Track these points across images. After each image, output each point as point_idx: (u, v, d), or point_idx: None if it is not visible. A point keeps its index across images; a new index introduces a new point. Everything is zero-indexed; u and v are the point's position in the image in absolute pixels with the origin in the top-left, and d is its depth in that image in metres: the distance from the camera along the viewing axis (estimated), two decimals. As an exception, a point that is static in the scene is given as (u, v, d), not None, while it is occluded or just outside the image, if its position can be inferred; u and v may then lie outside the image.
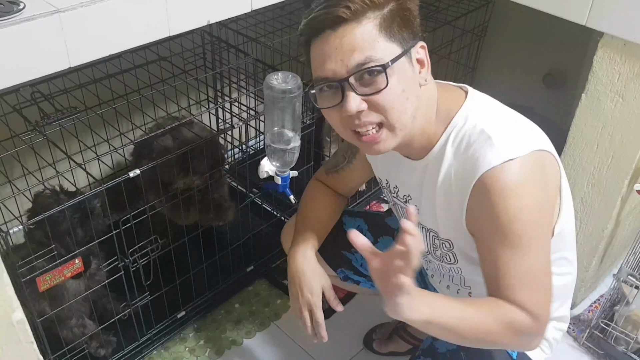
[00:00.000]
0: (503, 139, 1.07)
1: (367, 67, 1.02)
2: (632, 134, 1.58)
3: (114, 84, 1.74)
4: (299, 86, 1.40)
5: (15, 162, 1.65)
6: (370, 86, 1.04)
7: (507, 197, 1.05)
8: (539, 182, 1.08)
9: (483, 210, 1.08)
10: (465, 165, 1.10)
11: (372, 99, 1.05)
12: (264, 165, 1.55)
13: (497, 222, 1.06)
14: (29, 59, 1.17)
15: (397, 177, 1.30)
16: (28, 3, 1.16)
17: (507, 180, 1.05)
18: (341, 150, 1.50)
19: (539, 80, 2.50)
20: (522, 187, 1.05)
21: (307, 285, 1.34)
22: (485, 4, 2.37)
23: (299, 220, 1.47)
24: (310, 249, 1.39)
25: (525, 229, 1.06)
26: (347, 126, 1.10)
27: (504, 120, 1.14)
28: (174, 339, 1.85)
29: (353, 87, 1.04)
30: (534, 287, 1.08)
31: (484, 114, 1.14)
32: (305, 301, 1.34)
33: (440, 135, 1.15)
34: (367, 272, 1.57)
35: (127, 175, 1.40)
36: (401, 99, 1.06)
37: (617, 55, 1.53)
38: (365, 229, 1.58)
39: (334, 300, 1.35)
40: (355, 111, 1.05)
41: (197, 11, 1.40)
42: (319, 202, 1.51)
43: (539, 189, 1.08)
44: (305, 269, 1.36)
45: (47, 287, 1.38)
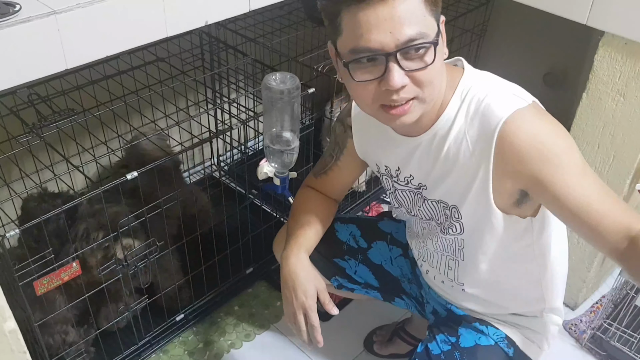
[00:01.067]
0: (508, 93, 1.10)
1: (418, 42, 0.99)
2: (633, 134, 1.57)
3: (111, 85, 1.73)
4: (298, 87, 1.40)
5: (12, 165, 1.64)
6: (416, 61, 1.01)
7: (537, 130, 1.06)
8: (549, 117, 1.11)
9: (522, 157, 1.06)
10: (480, 124, 1.10)
11: (415, 74, 1.02)
12: (263, 166, 1.54)
13: (543, 154, 1.05)
14: (25, 61, 1.16)
15: (397, 158, 1.28)
16: (24, 4, 1.16)
17: (526, 119, 1.07)
18: (328, 150, 1.47)
19: (539, 79, 2.50)
20: (542, 119, 1.08)
21: (301, 287, 1.32)
22: (485, 3, 2.36)
23: (290, 226, 1.45)
24: (304, 252, 1.37)
25: (567, 144, 1.07)
26: (379, 100, 1.06)
27: (501, 82, 1.16)
28: (173, 342, 1.84)
29: (399, 61, 1.00)
30: (618, 201, 1.07)
31: (484, 77, 1.16)
32: (299, 304, 1.32)
33: (447, 105, 1.14)
34: (361, 280, 1.56)
35: (125, 177, 1.39)
36: (439, 74, 1.07)
37: (618, 54, 1.52)
38: (358, 234, 1.57)
39: (329, 303, 1.34)
40: (400, 85, 1.01)
41: (194, 12, 1.39)
42: (310, 207, 1.48)
43: (553, 120, 1.10)
44: (298, 271, 1.34)
45: (45, 290, 1.37)
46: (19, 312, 1.44)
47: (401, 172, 1.29)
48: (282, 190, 1.58)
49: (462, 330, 1.36)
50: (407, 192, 1.31)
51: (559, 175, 1.05)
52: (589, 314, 1.96)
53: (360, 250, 1.56)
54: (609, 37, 1.52)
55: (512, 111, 1.06)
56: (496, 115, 1.07)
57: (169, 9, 1.33)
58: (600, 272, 1.98)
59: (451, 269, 1.35)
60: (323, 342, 1.32)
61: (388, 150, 1.29)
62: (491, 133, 1.08)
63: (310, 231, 1.41)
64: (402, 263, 1.56)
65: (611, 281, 1.95)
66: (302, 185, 1.55)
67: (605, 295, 2.00)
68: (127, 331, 1.71)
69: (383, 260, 1.56)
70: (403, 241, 1.55)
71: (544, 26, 2.34)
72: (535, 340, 1.35)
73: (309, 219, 1.43)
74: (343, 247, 1.55)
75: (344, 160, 1.43)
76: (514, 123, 1.06)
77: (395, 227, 1.57)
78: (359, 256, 1.55)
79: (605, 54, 1.55)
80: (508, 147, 1.07)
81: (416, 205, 1.31)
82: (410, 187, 1.29)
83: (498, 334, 1.33)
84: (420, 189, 1.27)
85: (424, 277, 1.47)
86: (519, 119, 1.06)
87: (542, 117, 1.09)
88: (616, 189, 1.67)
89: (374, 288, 1.57)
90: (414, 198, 1.30)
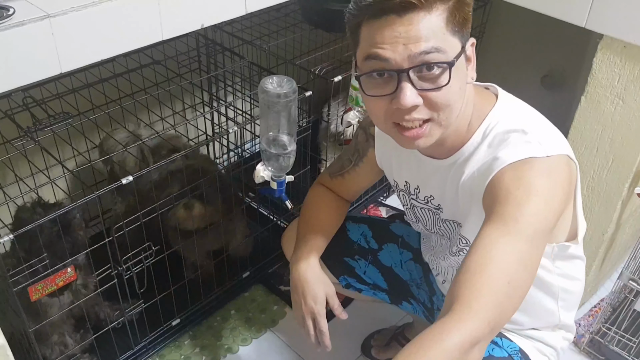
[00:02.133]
0: (537, 138, 1.05)
1: (433, 60, 0.96)
2: (632, 137, 1.57)
3: (107, 88, 1.71)
4: (295, 90, 1.38)
5: (6, 169, 1.63)
6: (430, 81, 0.99)
7: (525, 180, 1.01)
8: (556, 178, 1.04)
9: (494, 193, 1.04)
10: (489, 164, 1.07)
11: (429, 95, 0.99)
12: (260, 170, 1.53)
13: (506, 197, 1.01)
14: (19, 64, 1.15)
15: (418, 177, 1.26)
16: (18, 8, 1.15)
17: (525, 168, 1.02)
18: (347, 153, 1.46)
19: (537, 81, 2.49)
20: (541, 176, 1.02)
21: (310, 293, 1.31)
22: (483, 5, 2.35)
23: (301, 225, 1.44)
24: (314, 256, 1.36)
25: (535, 218, 1.00)
26: (392, 118, 1.04)
27: (534, 121, 1.12)
28: (169, 347, 1.83)
29: (411, 79, 0.98)
30: (485, 291, 0.97)
31: (518, 114, 1.12)
32: (308, 310, 1.31)
33: (472, 134, 1.12)
34: (369, 280, 1.56)
35: (120, 182, 1.38)
36: (456, 97, 1.02)
37: (617, 57, 1.52)
38: (369, 235, 1.56)
39: (338, 308, 1.33)
40: (410, 105, 0.98)
41: (190, 15, 1.38)
42: (322, 206, 1.48)
43: (557, 183, 1.04)
44: (308, 276, 1.33)
45: (39, 296, 1.36)
46: (14, 318, 1.43)
47: (420, 191, 1.28)
48: (279, 194, 1.57)
49: None
50: (426, 211, 1.30)
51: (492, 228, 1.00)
52: (587, 318, 1.95)
53: (371, 251, 1.55)
54: (607, 40, 1.51)
55: (522, 157, 1.03)
56: (505, 158, 1.05)
57: (165, 11, 1.32)
58: (599, 275, 1.97)
59: None
60: (331, 347, 1.32)
61: (409, 167, 1.28)
62: (493, 171, 1.06)
63: (320, 234, 1.41)
64: (412, 267, 1.55)
65: (610, 285, 1.95)
66: (316, 182, 1.54)
67: (604, 299, 1.99)
68: (123, 335, 1.69)
69: (393, 262, 1.55)
70: (414, 245, 1.54)
71: (542, 28, 2.33)
72: (547, 353, 1.33)
73: (319, 220, 1.43)
74: (354, 246, 1.54)
75: (362, 167, 1.43)
76: (514, 167, 1.03)
77: (407, 231, 1.56)
78: (369, 257, 1.55)
79: (604, 57, 1.54)
80: (493, 183, 1.05)
81: (435, 224, 1.30)
82: (429, 206, 1.28)
83: (512, 346, 1.31)
84: (438, 209, 1.26)
85: (439, 285, 1.46)
86: (520, 166, 1.03)
87: (543, 175, 1.02)
88: (615, 192, 1.66)
89: (382, 290, 1.57)
90: (432, 217, 1.29)
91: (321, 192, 1.51)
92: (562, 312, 1.30)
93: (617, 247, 1.93)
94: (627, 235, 1.95)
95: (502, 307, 0.97)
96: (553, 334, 1.34)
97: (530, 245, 1.00)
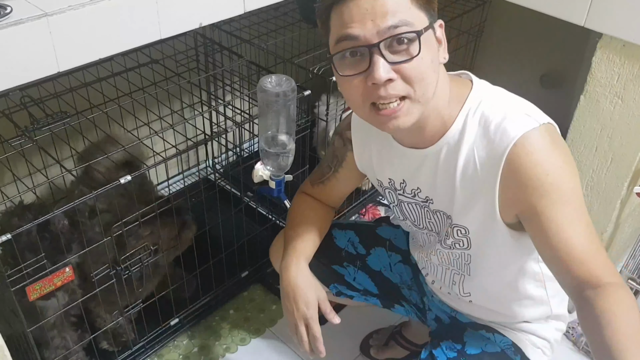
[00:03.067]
0: (521, 111, 1.08)
1: (401, 31, 0.98)
2: (631, 136, 1.57)
3: (105, 87, 1.71)
4: (293, 89, 1.38)
5: (4, 168, 1.62)
6: (401, 53, 0.99)
7: (548, 155, 1.04)
8: (564, 145, 1.09)
9: (525, 178, 1.05)
10: (491, 142, 1.08)
11: (402, 68, 1.00)
12: (258, 169, 1.53)
13: (546, 181, 1.03)
14: (16, 64, 1.14)
15: (403, 171, 1.26)
16: (15, 7, 1.14)
17: (539, 142, 1.04)
18: (326, 160, 1.45)
19: (536, 80, 2.49)
20: (556, 147, 1.06)
21: (302, 298, 1.30)
22: (482, 4, 2.35)
23: (288, 234, 1.43)
24: (303, 260, 1.35)
25: (573, 184, 1.06)
26: (369, 98, 1.04)
27: (514, 98, 1.14)
28: (168, 347, 1.82)
29: (383, 53, 0.99)
30: (600, 247, 1.06)
31: (495, 94, 1.14)
32: (301, 315, 1.30)
33: (455, 117, 1.12)
34: (360, 287, 1.55)
35: (118, 181, 1.37)
36: (430, 70, 1.03)
37: (616, 56, 1.52)
38: (356, 241, 1.55)
39: (330, 312, 1.32)
40: (384, 79, 0.99)
41: (188, 14, 1.38)
42: (308, 213, 1.46)
43: (567, 151, 1.09)
44: (299, 281, 1.32)
45: (37, 296, 1.35)
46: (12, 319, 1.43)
47: (407, 185, 1.27)
48: (278, 194, 1.57)
49: (467, 337, 1.34)
50: (414, 205, 1.29)
51: (554, 211, 1.04)
52: (586, 317, 1.95)
53: (359, 256, 1.54)
54: (607, 39, 1.51)
55: (522, 133, 1.04)
56: (506, 136, 1.05)
57: (163, 10, 1.31)
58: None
59: (455, 283, 1.34)
60: (325, 352, 1.30)
61: (392, 162, 1.27)
62: (500, 154, 1.06)
63: (308, 240, 1.40)
64: (402, 269, 1.54)
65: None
66: (298, 192, 1.53)
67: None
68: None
69: (382, 266, 1.55)
70: (402, 247, 1.53)
71: (541, 27, 2.33)
72: (540, 345, 1.34)
73: (306, 227, 1.41)
74: (341, 253, 1.53)
75: (342, 173, 1.42)
76: (523, 148, 1.04)
77: (394, 233, 1.56)
78: (357, 263, 1.54)
79: (603, 56, 1.54)
80: (513, 173, 1.06)
81: (424, 218, 1.29)
82: (417, 199, 1.27)
83: (504, 341, 1.32)
84: (427, 202, 1.25)
85: (429, 285, 1.46)
86: (528, 144, 1.04)
87: (553, 144, 1.06)
88: (614, 191, 1.66)
89: (373, 295, 1.56)
90: (420, 211, 1.28)
91: (306, 200, 1.50)
92: (552, 301, 1.31)
93: (616, 247, 1.93)
94: (626, 234, 1.95)
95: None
96: (545, 325, 1.34)
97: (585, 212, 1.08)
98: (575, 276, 1.03)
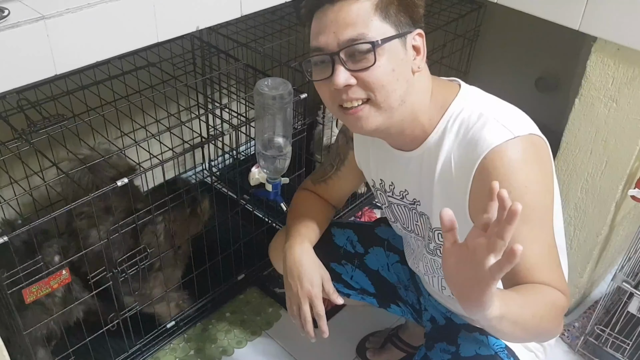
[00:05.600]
0: (501, 121, 1.09)
1: (357, 42, 1.04)
2: (626, 139, 1.57)
3: (102, 90, 1.71)
4: (290, 92, 1.39)
5: (0, 171, 1.62)
6: (359, 62, 1.06)
7: (514, 171, 1.05)
8: (539, 158, 1.10)
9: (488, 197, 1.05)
10: (466, 149, 1.10)
11: (360, 75, 1.06)
12: (255, 172, 1.53)
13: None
14: (13, 66, 1.14)
15: (392, 173, 1.29)
16: (13, 9, 1.14)
17: (511, 156, 1.06)
18: (329, 159, 1.48)
19: (532, 84, 2.50)
20: (526, 161, 1.07)
21: (307, 276, 1.31)
22: (477, 8, 2.36)
23: (290, 223, 1.44)
24: (308, 242, 1.37)
25: (536, 201, 1.06)
26: (335, 101, 1.11)
27: (499, 106, 1.15)
28: (164, 349, 1.82)
29: (343, 61, 1.06)
30: (553, 263, 1.08)
31: (480, 101, 1.16)
32: (305, 293, 1.31)
33: (436, 124, 1.15)
34: (357, 286, 1.56)
35: (115, 184, 1.37)
36: (390, 79, 1.07)
37: (610, 60, 1.52)
38: (355, 239, 1.56)
39: (334, 293, 1.33)
40: (342, 85, 1.06)
41: (186, 17, 1.38)
42: (309, 205, 1.48)
43: (541, 164, 1.10)
44: (304, 260, 1.33)
45: (34, 299, 1.35)
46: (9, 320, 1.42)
47: (395, 187, 1.30)
48: (274, 196, 1.57)
49: (461, 340, 1.35)
50: (402, 207, 1.31)
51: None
52: (581, 320, 1.96)
53: (357, 255, 1.55)
54: (601, 42, 1.52)
55: (494, 145, 1.06)
56: (479, 146, 1.07)
57: (160, 13, 1.32)
58: (593, 277, 1.98)
59: (445, 288, 1.34)
60: (328, 333, 1.31)
61: (384, 164, 1.30)
62: (472, 164, 1.08)
63: (311, 227, 1.41)
64: (399, 270, 1.55)
65: (604, 287, 1.95)
66: (299, 188, 1.55)
67: (598, 300, 1.99)
68: (117, 338, 1.68)
69: (380, 266, 1.55)
70: (400, 247, 1.54)
71: (536, 31, 2.34)
72: (533, 349, 1.34)
73: (308, 216, 1.44)
74: (340, 251, 1.54)
75: (344, 171, 1.45)
76: (492, 161, 1.06)
77: (392, 234, 1.56)
78: (355, 261, 1.55)
79: (597, 60, 1.55)
80: (481, 184, 1.07)
81: (412, 221, 1.31)
82: (405, 202, 1.29)
83: (498, 344, 1.32)
84: (414, 204, 1.27)
85: (425, 286, 1.47)
86: (498, 157, 1.06)
87: (524, 158, 1.07)
88: (609, 195, 1.67)
89: (369, 294, 1.57)
90: (408, 213, 1.31)
91: (307, 195, 1.52)
92: None
93: (611, 249, 1.94)
94: (621, 237, 1.96)
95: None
96: None
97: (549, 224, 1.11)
98: (522, 281, 1.06)
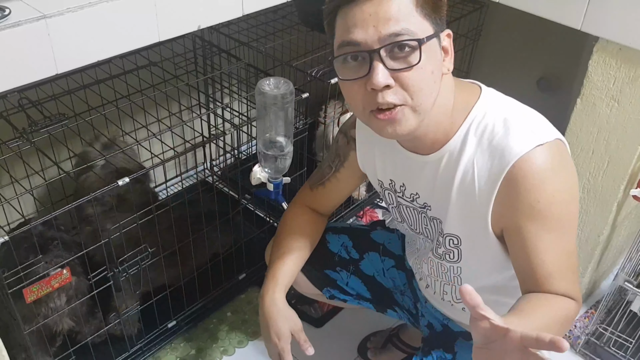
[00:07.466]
0: (527, 127, 1.06)
1: (402, 39, 0.97)
2: (627, 139, 1.57)
3: (103, 89, 1.71)
4: (291, 91, 1.39)
5: (2, 170, 1.62)
6: (401, 60, 0.99)
7: (543, 181, 1.04)
8: (565, 165, 1.08)
9: (517, 200, 1.05)
10: (491, 158, 1.07)
11: (401, 76, 0.99)
12: (257, 171, 1.53)
13: (535, 207, 1.04)
14: (14, 65, 1.15)
15: (404, 174, 1.25)
16: (14, 9, 1.14)
17: (540, 164, 1.03)
18: (327, 160, 1.44)
19: (533, 84, 2.49)
20: (554, 169, 1.05)
21: (274, 329, 1.30)
22: (479, 7, 2.36)
23: (273, 251, 1.42)
24: (279, 291, 1.34)
25: (563, 210, 1.06)
26: (369, 105, 1.03)
27: (523, 111, 1.12)
28: (165, 349, 1.82)
29: (383, 59, 0.98)
30: (570, 271, 1.08)
31: (503, 105, 1.12)
32: (272, 346, 1.31)
33: (458, 128, 1.11)
34: (352, 291, 1.55)
35: (116, 183, 1.37)
36: (429, 81, 1.02)
37: (612, 59, 1.52)
38: (350, 245, 1.55)
39: (304, 343, 1.30)
40: (383, 84, 0.98)
41: (187, 16, 1.38)
42: (296, 230, 1.44)
43: (567, 171, 1.08)
44: (272, 312, 1.31)
45: (35, 298, 1.35)
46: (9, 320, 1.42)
47: (406, 189, 1.26)
48: (276, 196, 1.57)
49: (458, 347, 1.35)
50: (412, 209, 1.28)
51: (536, 236, 1.06)
52: (583, 319, 1.96)
53: (352, 261, 1.54)
54: (603, 42, 1.52)
55: (522, 153, 1.04)
56: (506, 155, 1.05)
57: (162, 13, 1.32)
58: (595, 277, 1.98)
59: (447, 293, 1.34)
60: None
61: (394, 165, 1.26)
62: (498, 173, 1.06)
63: (289, 263, 1.38)
64: (395, 274, 1.54)
65: (606, 286, 1.95)
66: (293, 202, 1.51)
67: (600, 300, 1.99)
68: (119, 338, 1.68)
69: (375, 271, 1.54)
70: (396, 252, 1.53)
71: (538, 31, 2.34)
72: None
73: (292, 245, 1.40)
74: (334, 258, 1.53)
75: (343, 173, 1.41)
76: (520, 170, 1.04)
77: (388, 238, 1.56)
78: (350, 267, 1.54)
79: (599, 60, 1.54)
80: (508, 192, 1.06)
81: (420, 224, 1.29)
82: (415, 205, 1.26)
83: None
84: (425, 208, 1.24)
85: (422, 291, 1.46)
86: (527, 166, 1.04)
87: (552, 166, 1.05)
88: (610, 194, 1.67)
89: (366, 299, 1.56)
90: (417, 216, 1.28)
91: (296, 215, 1.48)
92: None
93: (612, 249, 1.94)
94: (623, 237, 1.96)
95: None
96: None
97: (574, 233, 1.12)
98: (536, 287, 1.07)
